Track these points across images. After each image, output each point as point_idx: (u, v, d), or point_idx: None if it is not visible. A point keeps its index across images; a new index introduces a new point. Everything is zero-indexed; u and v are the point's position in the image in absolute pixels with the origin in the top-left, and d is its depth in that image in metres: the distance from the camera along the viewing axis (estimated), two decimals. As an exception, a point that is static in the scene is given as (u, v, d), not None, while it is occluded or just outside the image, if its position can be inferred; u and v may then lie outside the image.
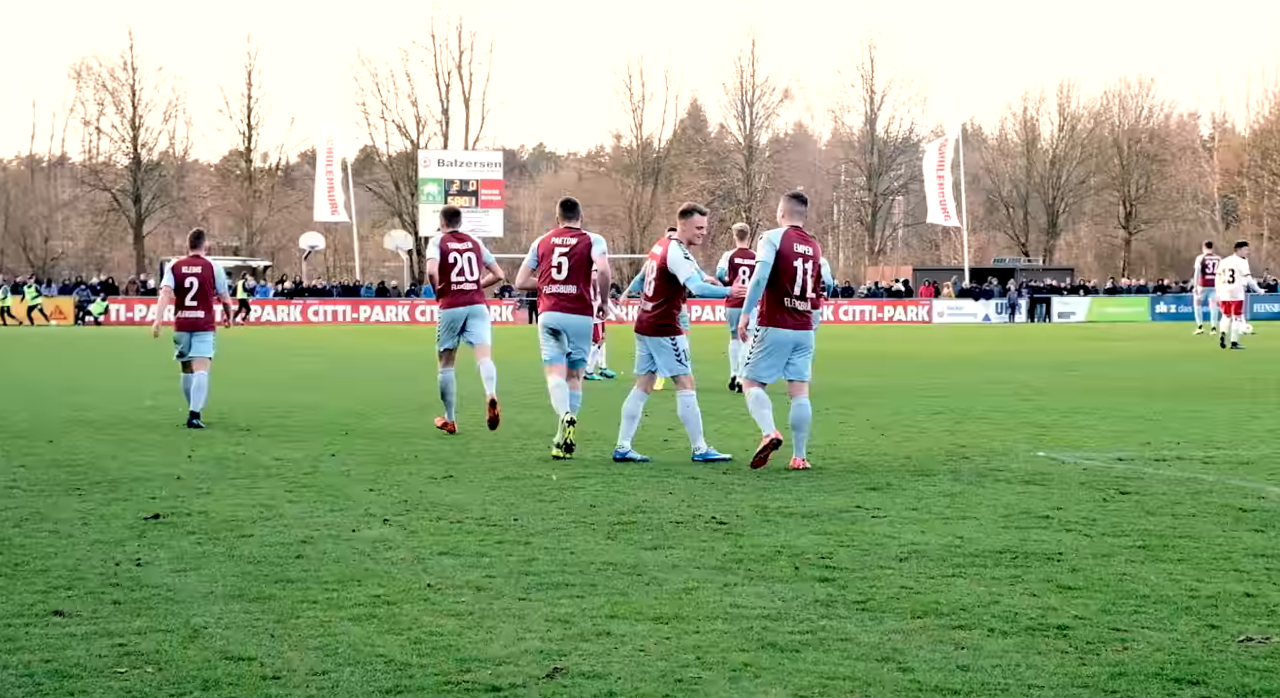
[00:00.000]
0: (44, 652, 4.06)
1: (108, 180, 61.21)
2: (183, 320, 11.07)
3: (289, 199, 62.49)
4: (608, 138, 70.71)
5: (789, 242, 7.92)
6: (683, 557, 5.40)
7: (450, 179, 51.72)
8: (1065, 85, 69.05)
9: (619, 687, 3.69)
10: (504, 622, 4.41)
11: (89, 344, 29.74)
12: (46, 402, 12.99)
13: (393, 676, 3.83)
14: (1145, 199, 68.13)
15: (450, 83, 61.37)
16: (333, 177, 51.54)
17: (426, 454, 8.71)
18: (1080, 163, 68.09)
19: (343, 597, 4.77)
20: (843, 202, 72.78)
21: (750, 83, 66.26)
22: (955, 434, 9.57)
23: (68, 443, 9.38)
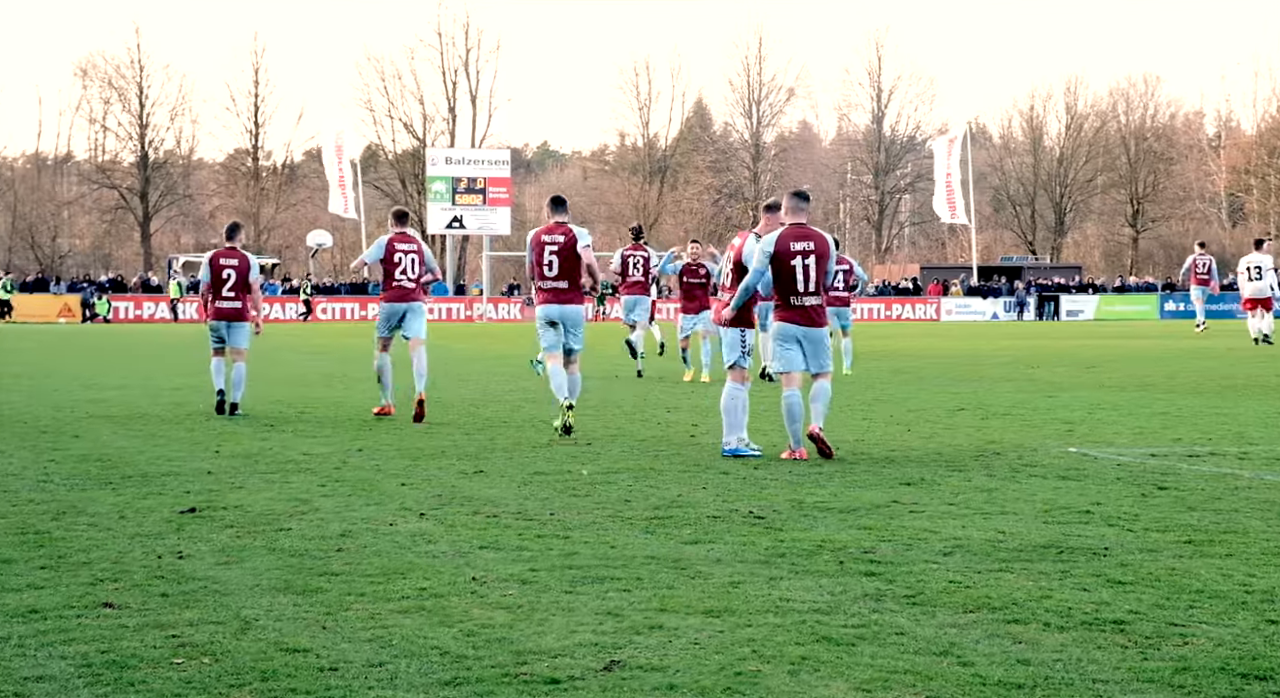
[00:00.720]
0: (99, 643, 4.05)
1: (115, 178, 61.26)
2: (220, 310, 11.32)
3: (296, 197, 62.52)
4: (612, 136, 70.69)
5: (785, 242, 7.98)
6: (725, 551, 5.39)
7: (458, 177, 51.67)
8: (1073, 83, 69.02)
9: (679, 680, 3.67)
10: (554, 615, 4.40)
11: (98, 341, 29.77)
12: (65, 398, 12.99)
13: (450, 668, 3.82)
14: (1152, 197, 68.04)
15: (457, 81, 61.43)
16: (343, 173, 51.55)
17: (453, 450, 8.70)
18: (1087, 161, 67.99)
19: (389, 590, 4.76)
20: (849, 200, 72.72)
21: (757, 81, 66.25)
22: (982, 430, 9.55)
23: (93, 438, 9.38)
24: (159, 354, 22.82)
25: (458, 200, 50.62)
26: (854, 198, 71.93)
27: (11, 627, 4.24)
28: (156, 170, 60.85)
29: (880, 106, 67.44)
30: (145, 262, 59.74)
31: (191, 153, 62.49)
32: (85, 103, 60.69)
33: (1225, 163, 68.90)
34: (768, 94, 66.63)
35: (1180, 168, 68.72)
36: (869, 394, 12.95)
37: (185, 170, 62.41)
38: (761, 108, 66.75)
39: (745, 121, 67.26)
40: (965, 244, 70.34)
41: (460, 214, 50.54)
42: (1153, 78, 71.09)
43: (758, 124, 67.06)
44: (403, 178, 61.81)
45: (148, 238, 61.23)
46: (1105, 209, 70.73)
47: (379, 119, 61.32)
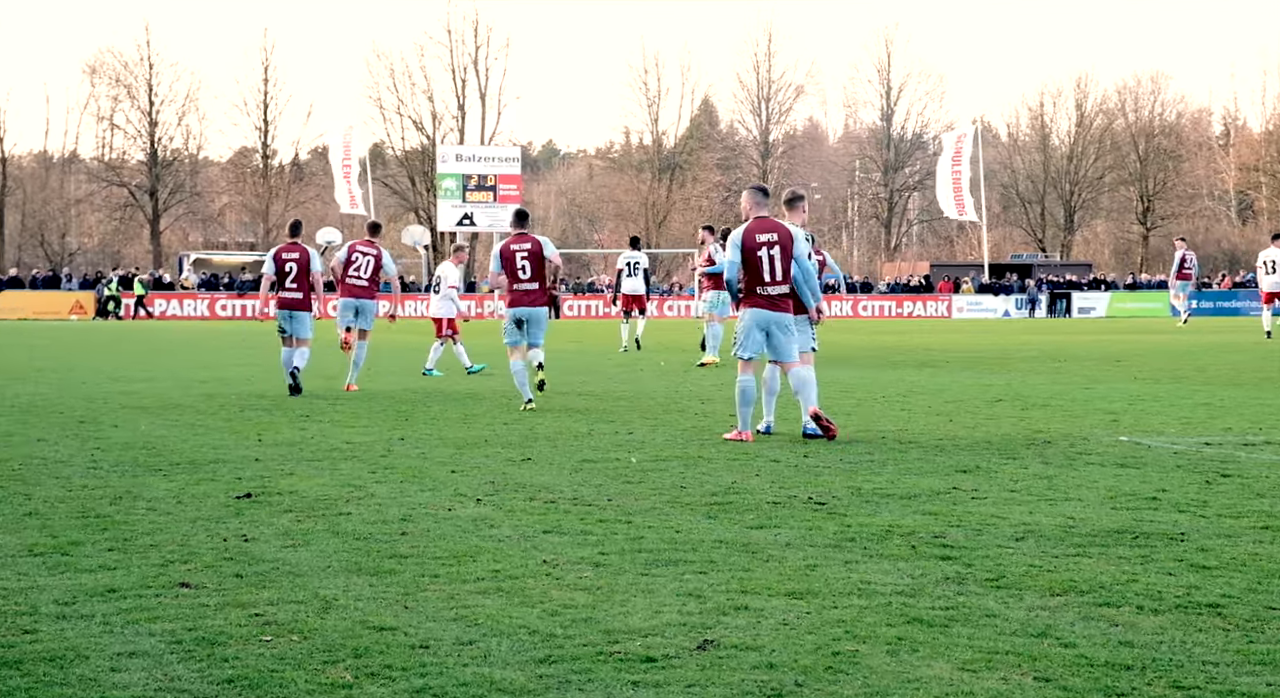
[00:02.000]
0: (183, 621, 4.02)
1: (124, 175, 61.25)
2: (283, 301, 12.27)
3: (305, 194, 62.49)
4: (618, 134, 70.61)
5: (750, 235, 8.29)
6: (793, 536, 5.34)
7: (468, 174, 51.65)
8: (1082, 80, 68.82)
9: (776, 659, 3.63)
10: (635, 596, 4.35)
11: (115, 337, 29.77)
12: (95, 390, 12.97)
13: (541, 646, 3.78)
14: (1162, 195, 67.88)
15: (466, 78, 61.37)
16: (350, 171, 51.51)
17: (495, 439, 8.66)
18: (1097, 158, 67.82)
19: (462, 572, 4.72)
20: (857, 197, 72.62)
21: (766, 78, 66.13)
22: (1025, 420, 9.50)
23: (131, 427, 9.35)
24: (177, 349, 22.80)
25: (468, 198, 50.59)
26: (862, 195, 71.80)
27: (94, 605, 4.21)
28: (166, 168, 60.83)
29: (889, 104, 67.32)
30: (155, 259, 59.71)
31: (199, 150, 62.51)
32: (94, 101, 60.77)
33: (1234, 160, 68.73)
34: (777, 91, 66.56)
35: (1189, 165, 68.55)
36: (902, 386, 12.90)
37: (193, 168, 62.38)
38: (771, 105, 66.67)
39: (754, 119, 67.21)
40: (974, 242, 70.19)
41: (471, 211, 50.50)
42: (1161, 76, 71.01)
43: (766, 121, 66.98)
44: (412, 175, 61.77)
45: (157, 235, 61.22)
46: (1114, 207, 70.55)
47: (388, 116, 61.32)
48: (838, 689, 3.36)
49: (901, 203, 70.18)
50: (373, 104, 61.11)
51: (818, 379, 8.49)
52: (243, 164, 64.07)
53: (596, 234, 70.11)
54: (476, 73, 61.45)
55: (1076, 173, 68.02)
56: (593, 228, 70.57)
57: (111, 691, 3.38)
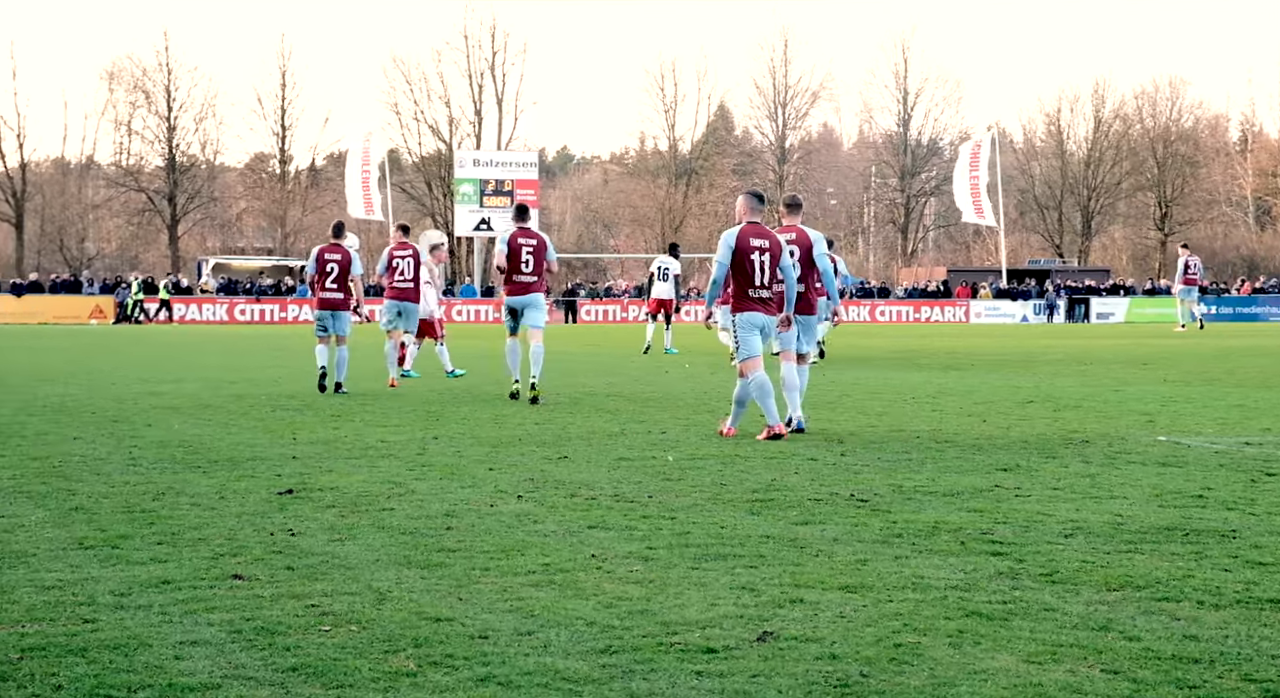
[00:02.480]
0: (241, 611, 4.03)
1: (142, 181, 61.58)
2: (324, 300, 12.61)
3: (322, 200, 62.71)
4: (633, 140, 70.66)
5: (744, 238, 8.41)
6: (839, 532, 5.33)
7: (485, 179, 51.76)
8: (1100, 86, 68.59)
9: (838, 650, 3.62)
10: (688, 589, 4.35)
11: (137, 341, 29.92)
12: (124, 391, 13.02)
13: (600, 637, 3.77)
14: (1180, 201, 67.59)
15: (483, 84, 61.52)
16: (369, 176, 51.67)
17: (529, 437, 8.66)
18: (1114, 164, 67.57)
19: (513, 565, 4.72)
20: (874, 203, 72.50)
21: (783, 83, 66.12)
22: (1059, 421, 9.45)
23: (165, 426, 9.39)
24: (199, 352, 22.90)
25: (485, 203, 50.69)
26: (879, 201, 71.68)
27: (150, 596, 4.22)
28: (184, 174, 61.15)
29: (906, 109, 67.21)
30: (173, 264, 60.02)
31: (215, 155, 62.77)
32: (112, 107, 61.13)
33: (1252, 166, 68.37)
34: (793, 97, 66.53)
35: (1206, 171, 68.23)
36: (930, 388, 12.86)
37: (210, 173, 62.65)
38: (787, 111, 66.64)
39: (771, 124, 67.18)
40: (991, 247, 69.90)
41: (488, 216, 50.60)
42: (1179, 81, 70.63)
43: (783, 127, 66.95)
44: (428, 180, 61.90)
45: (175, 241, 61.52)
46: (1132, 212, 70.24)
47: (405, 122, 61.53)
48: (904, 681, 3.35)
49: (918, 208, 70.03)
50: (389, 110, 61.38)
51: (840, 382, 8.47)
52: (260, 169, 64.34)
53: (612, 240, 70.15)
54: (493, 78, 61.64)
55: (1094, 178, 67.77)
56: (609, 233, 70.59)
57: (178, 677, 3.38)
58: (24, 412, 10.45)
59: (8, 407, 10.91)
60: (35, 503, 5.95)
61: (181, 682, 3.35)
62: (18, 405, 11.04)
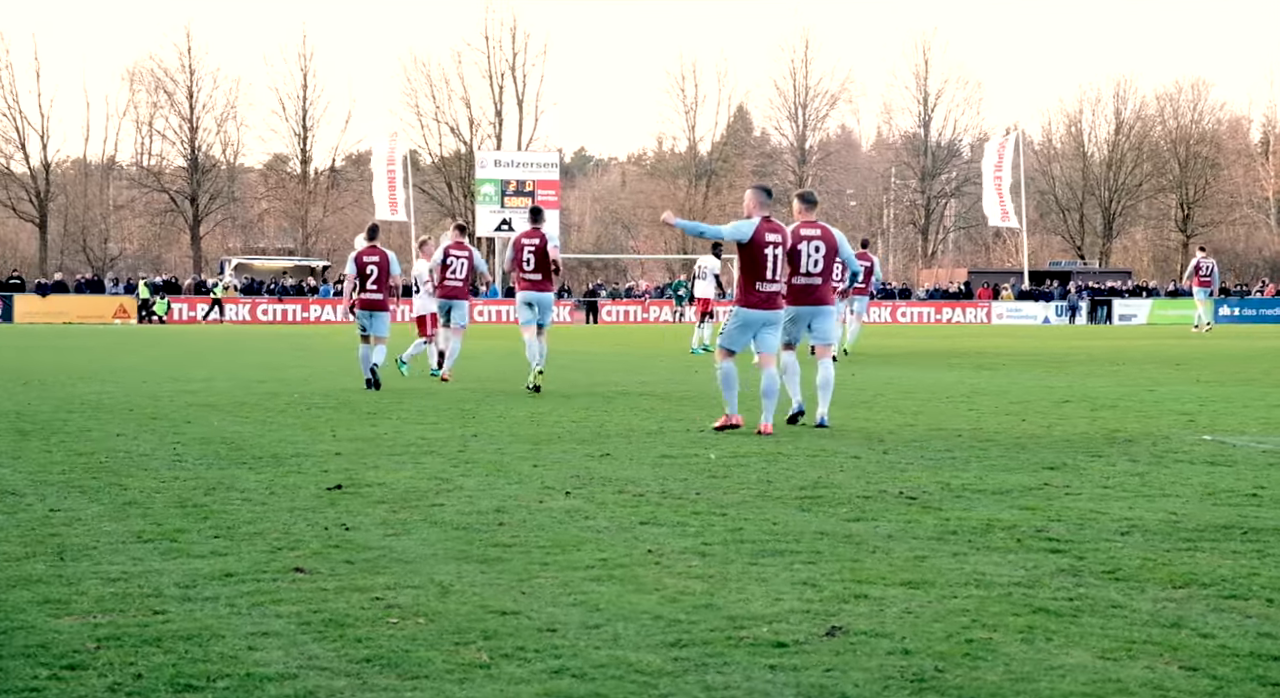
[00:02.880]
0: (307, 604, 4.05)
1: (164, 181, 61.93)
2: (364, 301, 12.91)
3: (343, 200, 62.94)
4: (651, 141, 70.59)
5: (761, 233, 8.61)
6: (892, 528, 5.31)
7: (507, 180, 51.85)
8: (1121, 87, 68.23)
9: (910, 646, 3.60)
10: (750, 584, 4.34)
11: (162, 340, 30.10)
12: (157, 389, 13.10)
13: (668, 631, 3.77)
14: (1202, 203, 67.16)
15: (504, 85, 61.63)
16: (394, 176, 51.84)
17: (567, 435, 8.67)
18: (1136, 166, 67.20)
19: (571, 560, 4.73)
20: (893, 204, 72.29)
21: (803, 85, 65.99)
22: (1098, 420, 9.40)
23: (204, 423, 9.43)
24: (226, 351, 23.01)
25: (506, 203, 50.78)
26: (899, 202, 71.46)
27: (214, 588, 4.24)
28: (206, 174, 61.47)
29: (927, 110, 67.01)
30: (195, 264, 60.34)
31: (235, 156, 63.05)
32: (133, 107, 61.48)
33: (1274, 168, 67.85)
34: (813, 98, 66.40)
35: (1228, 173, 67.77)
36: (963, 387, 12.81)
37: (231, 174, 62.93)
38: (807, 112, 66.51)
39: (791, 125, 67.05)
40: (1012, 249, 69.57)
41: (509, 217, 50.68)
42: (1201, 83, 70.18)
43: (803, 128, 66.82)
44: (449, 181, 62.05)
45: (197, 241, 61.86)
46: (1153, 214, 69.83)
47: (425, 122, 61.68)
48: (980, 676, 3.33)
49: (938, 210, 69.79)
50: (410, 110, 61.55)
51: (872, 382, 8.53)
52: (280, 169, 64.61)
53: (631, 241, 70.17)
54: (514, 79, 61.76)
55: (1115, 180, 67.40)
56: (628, 234, 70.60)
57: (254, 668, 3.40)
58: (63, 409, 10.52)
59: (47, 404, 10.99)
60: (89, 498, 5.99)
61: (259, 672, 3.37)
62: (56, 403, 11.12)
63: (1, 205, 60.71)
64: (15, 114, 58.76)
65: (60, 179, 62.36)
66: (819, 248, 9.03)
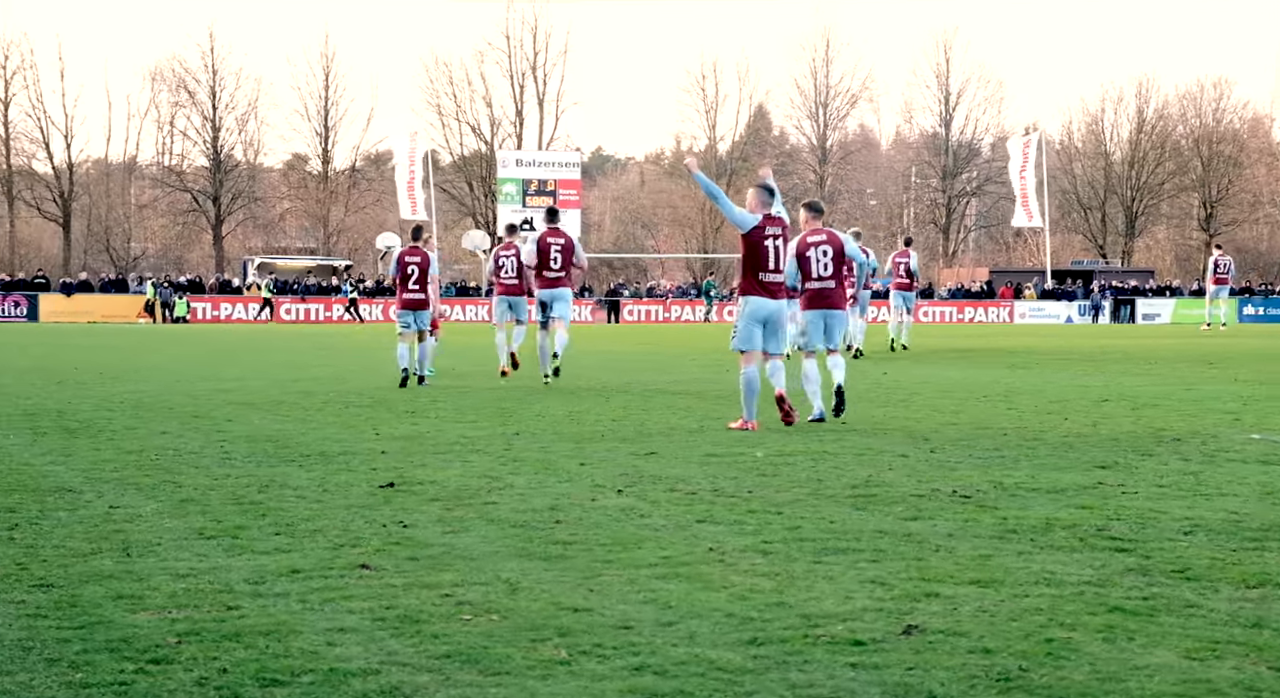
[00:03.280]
0: (378, 600, 4.05)
1: (187, 181, 62.25)
2: (407, 301, 13.26)
3: (365, 200, 63.12)
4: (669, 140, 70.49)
5: (761, 227, 8.94)
6: (951, 527, 5.28)
7: (528, 179, 51.92)
8: (1144, 86, 67.80)
9: (990, 645, 3.58)
10: (818, 582, 4.32)
11: (186, 340, 30.25)
12: (193, 387, 13.16)
13: (743, 628, 3.76)
14: (1224, 202, 66.70)
15: (525, 84, 61.70)
16: (415, 176, 51.97)
17: (609, 434, 8.67)
18: (1159, 165, 66.78)
19: (633, 558, 4.72)
20: (913, 204, 72.02)
21: (824, 84, 65.83)
22: (1141, 419, 9.34)
23: (245, 422, 9.47)
24: (255, 351, 23.11)
25: (528, 202, 50.84)
26: (919, 202, 71.19)
27: (284, 585, 4.25)
28: (229, 173, 61.76)
29: (948, 109, 66.74)
30: (217, 264, 60.66)
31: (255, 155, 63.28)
32: (155, 107, 61.79)
33: (1295, 167, 67.31)
34: (834, 97, 66.23)
35: (1251, 172, 67.26)
36: (999, 386, 12.74)
37: (252, 173, 63.17)
38: (828, 111, 66.33)
39: (811, 124, 66.90)
40: (1034, 248, 69.20)
41: (531, 216, 50.72)
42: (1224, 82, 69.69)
43: (824, 127, 66.66)
44: (469, 180, 62.15)
45: (220, 240, 62.16)
46: (1174, 213, 69.37)
47: (446, 122, 61.79)
48: (1066, 675, 3.31)
49: (959, 209, 69.51)
50: (431, 110, 61.67)
51: (905, 381, 8.57)
52: (300, 168, 64.83)
53: (651, 240, 70.13)
54: (535, 79, 61.82)
55: (1138, 179, 66.99)
56: (648, 233, 70.56)
57: (336, 663, 3.40)
58: (104, 407, 10.58)
59: (87, 403, 11.06)
60: (145, 495, 6.02)
61: (341, 667, 3.37)
62: (96, 402, 11.19)
63: (26, 205, 61.19)
64: (39, 114, 59.30)
65: (83, 179, 62.77)
66: (826, 252, 9.64)
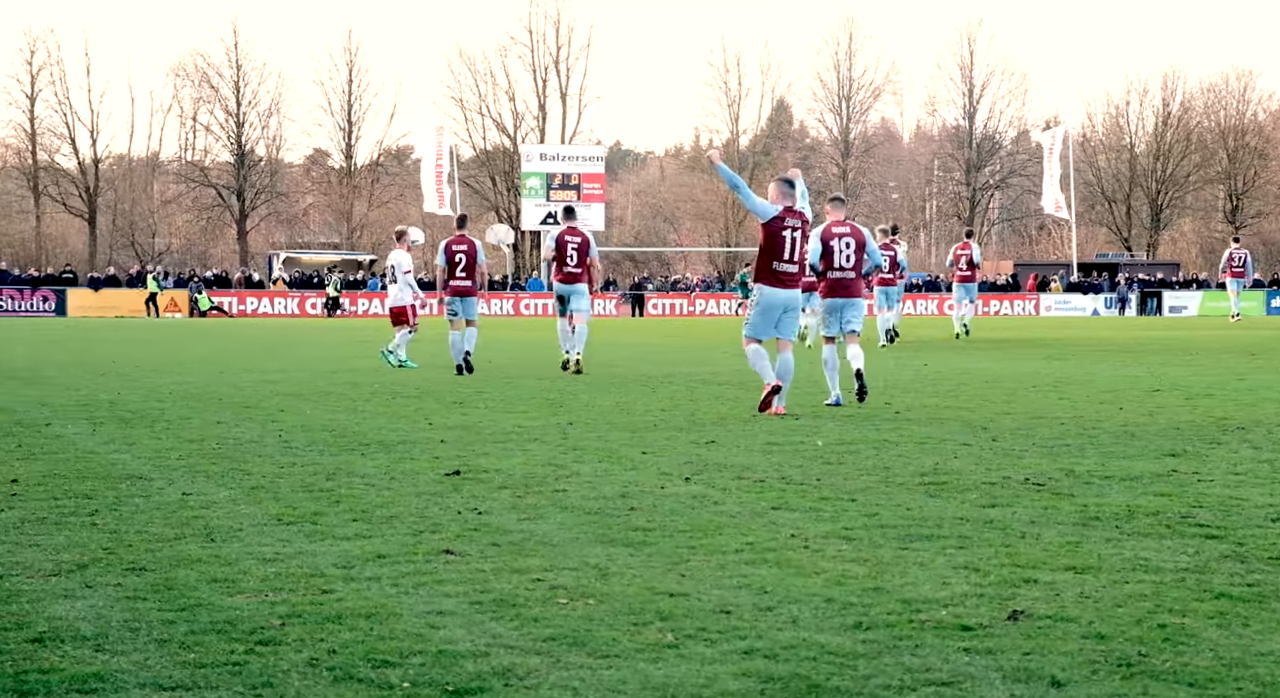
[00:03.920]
0: (470, 585, 4.03)
1: (211, 176, 62.54)
2: (455, 288, 13.62)
3: (388, 194, 63.27)
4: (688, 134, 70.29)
5: (780, 218, 9.16)
6: (1031, 514, 5.22)
7: (552, 173, 51.92)
8: (1169, 78, 67.23)
9: (1103, 630, 3.52)
10: (910, 568, 4.27)
11: (218, 333, 30.38)
12: (238, 379, 13.19)
13: (845, 614, 3.71)
14: (1250, 194, 66.11)
15: (548, 78, 61.68)
16: (441, 170, 52.04)
17: (663, 423, 8.63)
18: (1184, 157, 66.23)
19: (716, 544, 4.68)
20: (936, 197, 71.66)
21: (847, 77, 65.55)
22: (1199, 408, 9.24)
23: (298, 412, 9.47)
24: (289, 345, 23.18)
25: (552, 196, 50.85)
26: (942, 194, 70.83)
27: (373, 569, 4.24)
28: (253, 168, 62.00)
29: (972, 102, 66.35)
30: (242, 258, 60.94)
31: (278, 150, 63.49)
32: (178, 103, 62.07)
33: (1320, 159, 66.64)
34: (857, 90, 65.97)
35: (1278, 164, 66.63)
36: (1046, 377, 12.64)
37: (274, 168, 63.38)
38: (851, 105, 66.06)
39: (834, 118, 66.63)
40: (1058, 241, 68.72)
41: (555, 210, 50.72)
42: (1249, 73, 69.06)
43: (846, 120, 66.39)
44: (493, 175, 62.19)
45: (244, 235, 62.45)
46: (1200, 205, 68.79)
47: (469, 117, 61.85)
48: (1189, 661, 3.25)
49: (984, 202, 69.12)
50: (454, 104, 61.73)
51: (947, 372, 8.53)
52: (321, 162, 65.01)
53: (673, 234, 70.06)
54: (557, 73, 61.78)
55: (1163, 171, 66.47)
56: (671, 227, 70.49)
57: (443, 645, 3.38)
58: (153, 398, 10.61)
59: (136, 394, 11.09)
60: (215, 482, 6.02)
61: (450, 649, 3.35)
62: (145, 393, 11.22)
63: (52, 200, 61.62)
64: (66, 109, 59.66)
65: (107, 174, 63.14)
66: (849, 244, 10.12)
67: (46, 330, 30.18)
